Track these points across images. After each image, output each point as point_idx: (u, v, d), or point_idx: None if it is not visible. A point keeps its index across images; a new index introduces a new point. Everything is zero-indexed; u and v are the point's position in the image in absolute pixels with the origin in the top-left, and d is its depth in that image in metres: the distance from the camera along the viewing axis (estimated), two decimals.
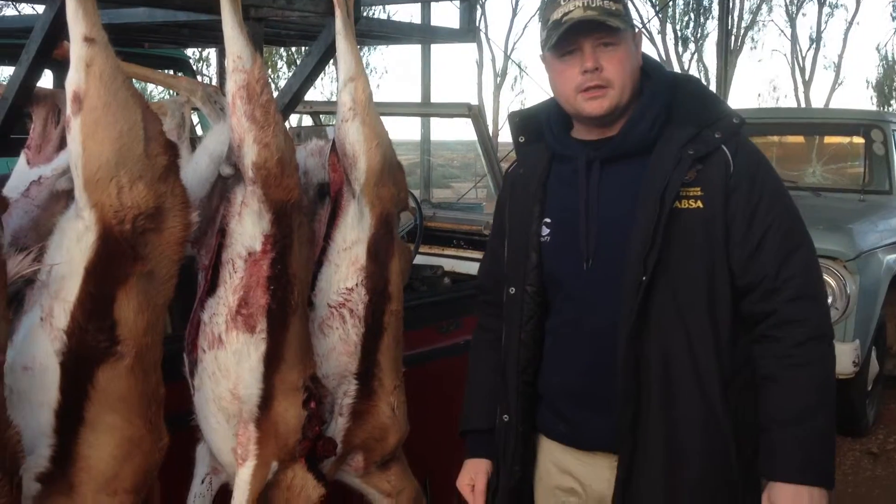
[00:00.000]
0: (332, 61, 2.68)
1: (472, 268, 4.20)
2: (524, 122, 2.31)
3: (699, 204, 2.03)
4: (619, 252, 2.04)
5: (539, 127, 2.25)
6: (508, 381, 2.24)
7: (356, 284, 2.51)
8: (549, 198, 2.20)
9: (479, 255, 4.19)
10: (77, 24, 1.86)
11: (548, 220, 2.19)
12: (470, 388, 2.45)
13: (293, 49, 17.59)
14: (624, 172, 2.10)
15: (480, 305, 2.48)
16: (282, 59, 19.56)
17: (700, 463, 2.04)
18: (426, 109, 4.87)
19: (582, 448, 2.19)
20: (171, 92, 2.69)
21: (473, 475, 2.37)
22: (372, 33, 3.18)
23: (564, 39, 2.04)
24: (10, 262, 1.78)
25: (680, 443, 2.05)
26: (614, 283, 2.05)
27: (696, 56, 28.77)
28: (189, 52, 7.18)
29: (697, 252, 2.03)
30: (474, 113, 3.69)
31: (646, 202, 2.02)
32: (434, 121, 5.88)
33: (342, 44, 2.47)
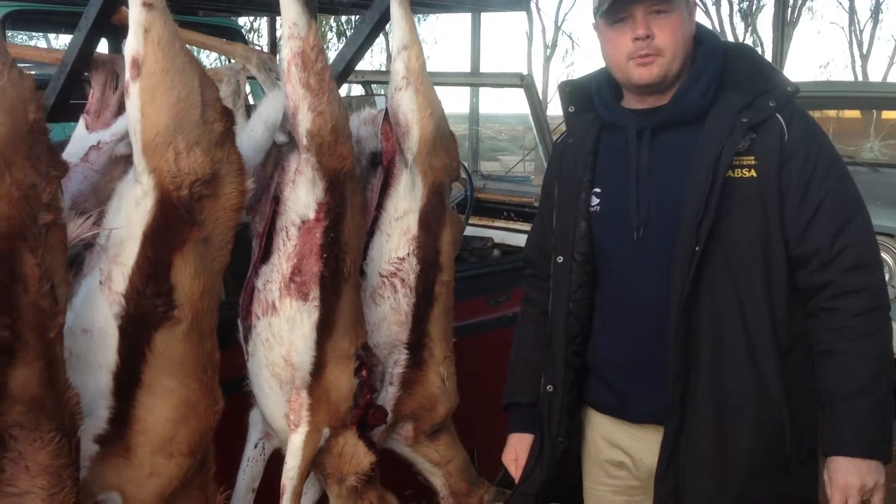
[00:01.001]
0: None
1: (522, 240, 4.16)
2: (574, 91, 2.29)
3: (752, 173, 1.99)
4: (670, 222, 2.02)
5: (589, 96, 2.22)
6: (556, 351, 2.22)
7: (408, 254, 2.51)
8: (599, 167, 2.17)
9: (528, 227, 4.16)
10: None
11: (597, 189, 2.16)
12: (514, 361, 2.43)
13: (343, 19, 17.58)
14: (676, 141, 2.07)
15: (527, 279, 2.46)
16: (331, 31, 19.56)
17: (750, 436, 2.02)
18: (478, 79, 4.84)
19: (632, 421, 2.17)
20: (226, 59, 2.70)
21: (517, 450, 2.37)
22: (425, 1, 3.16)
23: (616, 6, 2.02)
24: (70, 226, 1.80)
25: (730, 416, 2.02)
26: (665, 253, 2.02)
27: (751, 28, 28.19)
28: (241, 21, 7.21)
29: (751, 222, 2.00)
30: (527, 83, 3.65)
31: (698, 171, 1.99)
32: (481, 93, 5.85)
33: (396, 11, 2.46)
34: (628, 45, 2.02)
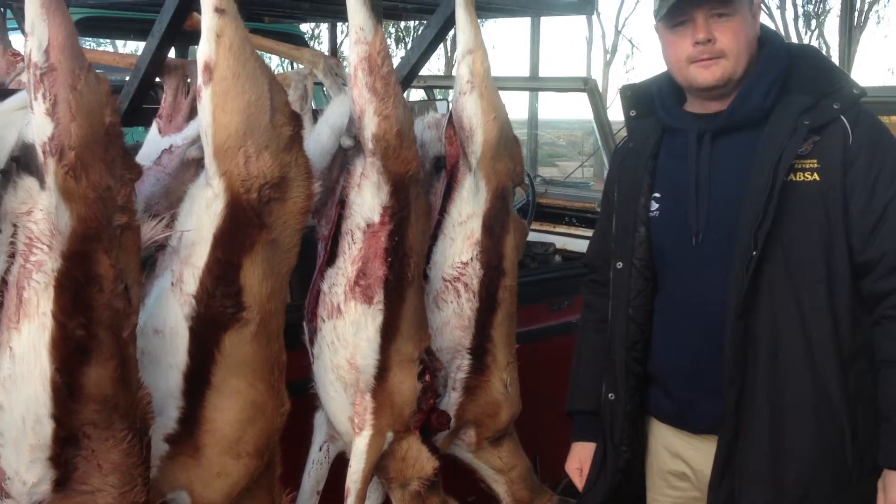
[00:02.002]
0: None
1: (583, 245, 4.13)
2: (636, 95, 2.27)
3: (815, 176, 1.94)
4: (730, 227, 1.98)
5: (651, 100, 2.19)
6: (616, 358, 2.19)
7: (471, 259, 2.50)
8: (659, 172, 2.14)
9: (590, 232, 4.13)
10: None
11: (657, 194, 2.13)
12: (576, 368, 2.41)
13: (402, 25, 17.69)
14: (736, 144, 2.03)
15: (588, 285, 2.44)
16: (390, 37, 19.70)
17: (809, 448, 1.96)
18: (540, 84, 4.82)
19: (691, 431, 2.13)
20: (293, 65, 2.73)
21: (581, 459, 2.34)
22: (490, 5, 3.15)
23: (675, 10, 1.98)
24: (143, 228, 1.83)
25: (787, 426, 1.97)
26: (725, 258, 1.98)
27: (817, 32, 27.65)
28: (302, 28, 7.29)
29: (813, 227, 1.94)
30: (590, 87, 3.63)
31: (758, 174, 1.94)
32: (539, 99, 5.82)
33: (462, 15, 2.45)
34: (689, 49, 2.00)
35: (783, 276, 1.95)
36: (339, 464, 2.38)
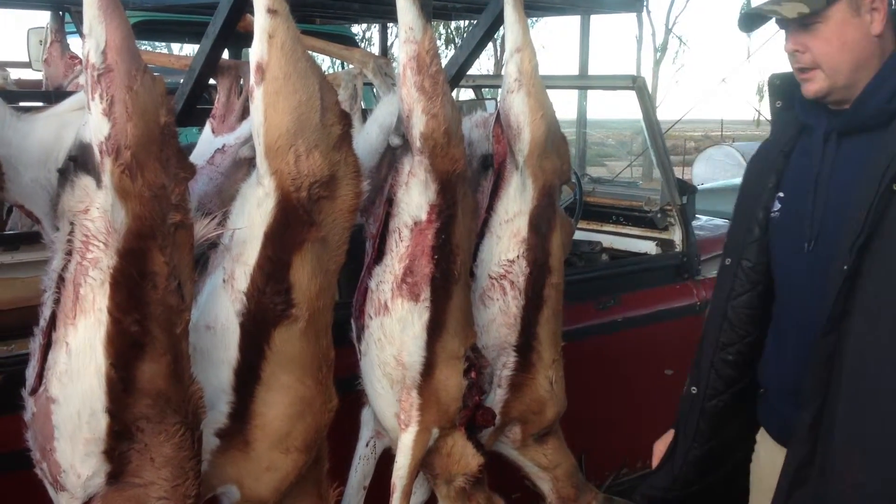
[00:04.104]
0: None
1: (631, 244, 4.12)
2: (784, 85, 2.07)
3: None
4: (841, 236, 1.82)
5: (794, 93, 2.01)
6: (703, 353, 2.12)
7: (517, 256, 2.51)
8: (788, 170, 2.01)
9: (637, 231, 4.11)
10: None
11: (781, 194, 2.01)
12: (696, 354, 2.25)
13: (452, 26, 17.70)
14: (859, 147, 1.87)
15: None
16: (441, 37, 19.72)
17: (881, 479, 1.77)
18: (588, 82, 4.78)
19: None
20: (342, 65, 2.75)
21: (667, 441, 2.27)
22: (538, 3, 3.15)
23: (749, 21, 1.89)
24: (196, 226, 1.86)
25: (864, 456, 1.79)
26: (834, 269, 1.82)
27: None
28: (353, 30, 7.34)
29: None
30: (639, 85, 3.59)
31: (866, 181, 1.79)
32: (589, 98, 5.78)
33: (510, 14, 2.46)
34: (789, 57, 1.88)
35: (877, 294, 1.78)
36: (386, 459, 2.40)
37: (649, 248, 4.02)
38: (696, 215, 4.17)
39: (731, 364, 2.09)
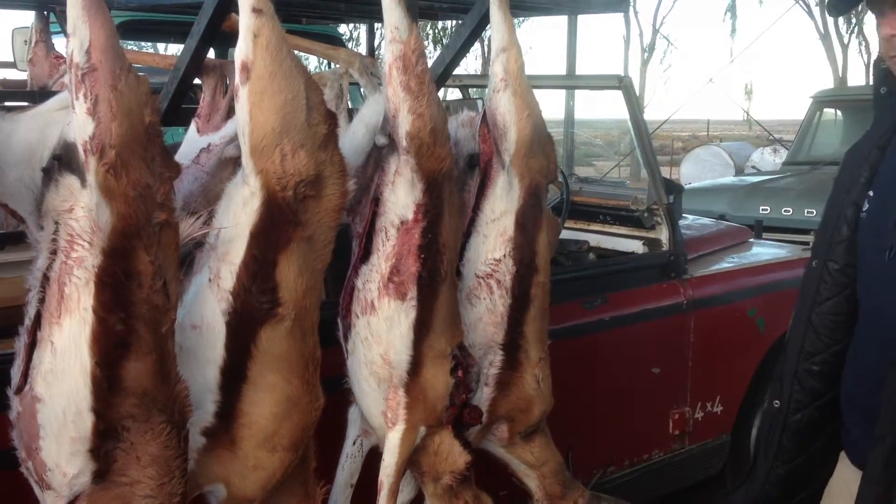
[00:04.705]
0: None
1: (618, 243, 4.13)
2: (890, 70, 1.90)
3: None
4: None
5: None
6: (786, 363, 1.96)
7: (504, 255, 2.52)
8: (883, 165, 1.84)
9: (625, 230, 4.12)
10: None
11: (871, 193, 1.84)
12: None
13: (438, 26, 17.71)
14: None
15: None
16: (427, 38, 19.73)
17: None
18: (575, 82, 4.80)
19: None
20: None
21: None
22: (524, 3, 3.16)
23: (837, 9, 1.78)
24: (181, 225, 1.86)
25: None
26: None
27: (857, 29, 27.19)
28: (340, 30, 7.34)
29: None
30: (625, 85, 3.61)
31: None
32: (576, 98, 5.80)
33: (496, 13, 2.47)
34: (885, 42, 1.72)
35: None
36: (373, 458, 2.40)
37: (636, 247, 4.03)
38: (684, 215, 4.19)
39: (817, 375, 1.93)
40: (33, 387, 1.66)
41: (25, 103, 2.85)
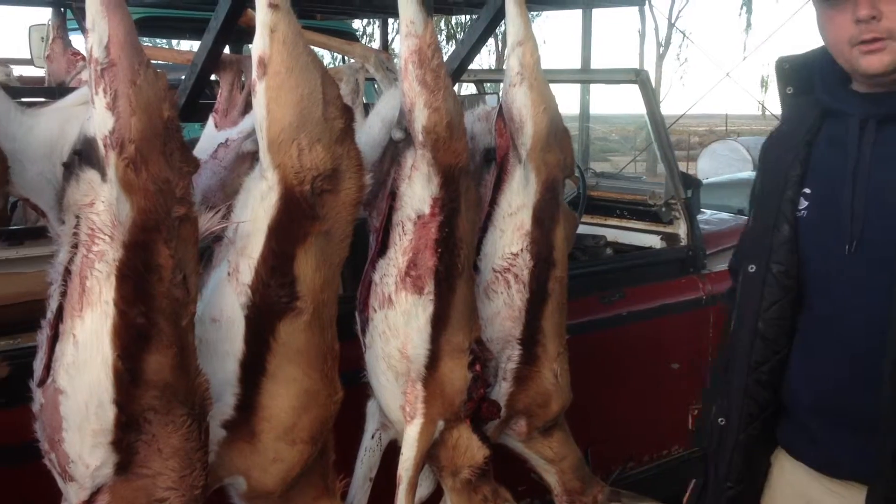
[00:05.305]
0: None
1: (635, 238, 4.13)
2: (794, 70, 1.94)
3: None
4: (891, 235, 1.67)
5: (811, 76, 1.87)
6: (734, 377, 1.90)
7: (521, 250, 2.52)
8: (813, 162, 1.83)
9: (642, 225, 4.11)
10: None
11: (807, 189, 1.82)
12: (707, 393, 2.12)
13: (453, 21, 17.70)
14: None
15: (730, 295, 2.09)
16: (441, 33, 19.73)
17: None
18: (591, 76, 4.79)
19: (833, 475, 1.82)
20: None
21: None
22: None
23: None
24: (200, 220, 1.87)
25: None
26: (883, 273, 1.67)
27: None
28: (355, 25, 7.35)
29: None
30: (642, 79, 3.60)
31: None
32: (592, 93, 5.79)
33: (511, 7, 2.47)
34: (850, 28, 1.69)
35: None
36: (391, 452, 2.41)
37: (654, 242, 4.02)
38: (701, 209, 4.18)
39: (766, 384, 1.88)
40: (56, 379, 1.67)
41: (43, 99, 2.87)
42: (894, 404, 1.66)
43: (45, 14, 3.74)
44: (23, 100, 2.50)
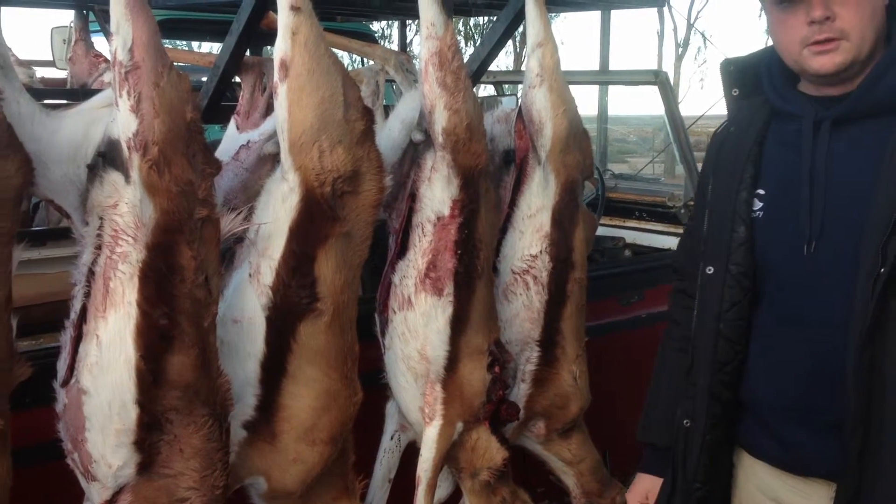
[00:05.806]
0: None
1: (654, 240, 4.12)
2: (740, 71, 1.97)
3: None
4: (851, 234, 1.68)
5: (757, 78, 1.89)
6: (698, 379, 1.92)
7: (540, 251, 2.51)
8: (765, 163, 1.84)
9: (661, 227, 4.10)
10: None
11: (761, 191, 1.84)
12: (652, 392, 2.16)
13: (471, 23, 17.70)
14: (862, 136, 1.72)
15: (675, 295, 2.15)
16: (460, 34, 19.73)
17: None
18: (609, 77, 4.78)
19: (796, 473, 1.84)
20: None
21: (647, 490, 2.12)
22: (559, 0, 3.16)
23: None
24: (222, 221, 1.88)
25: None
26: (843, 272, 1.68)
27: None
28: (373, 27, 7.37)
29: None
30: (661, 80, 3.59)
31: (889, 175, 1.64)
32: (610, 94, 5.78)
33: (531, 9, 2.47)
34: (802, 30, 1.70)
35: None
36: (411, 453, 2.41)
37: (673, 244, 4.01)
38: None
39: (729, 385, 1.89)
40: (79, 379, 1.69)
41: (66, 101, 2.89)
42: (858, 401, 1.67)
43: (67, 16, 3.77)
44: (46, 101, 2.53)
